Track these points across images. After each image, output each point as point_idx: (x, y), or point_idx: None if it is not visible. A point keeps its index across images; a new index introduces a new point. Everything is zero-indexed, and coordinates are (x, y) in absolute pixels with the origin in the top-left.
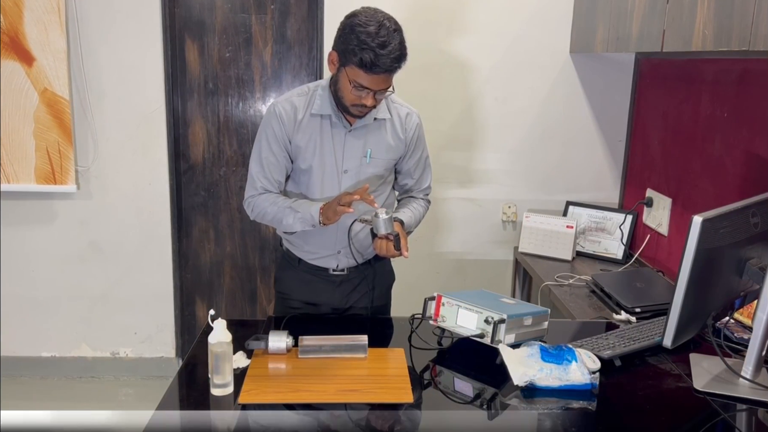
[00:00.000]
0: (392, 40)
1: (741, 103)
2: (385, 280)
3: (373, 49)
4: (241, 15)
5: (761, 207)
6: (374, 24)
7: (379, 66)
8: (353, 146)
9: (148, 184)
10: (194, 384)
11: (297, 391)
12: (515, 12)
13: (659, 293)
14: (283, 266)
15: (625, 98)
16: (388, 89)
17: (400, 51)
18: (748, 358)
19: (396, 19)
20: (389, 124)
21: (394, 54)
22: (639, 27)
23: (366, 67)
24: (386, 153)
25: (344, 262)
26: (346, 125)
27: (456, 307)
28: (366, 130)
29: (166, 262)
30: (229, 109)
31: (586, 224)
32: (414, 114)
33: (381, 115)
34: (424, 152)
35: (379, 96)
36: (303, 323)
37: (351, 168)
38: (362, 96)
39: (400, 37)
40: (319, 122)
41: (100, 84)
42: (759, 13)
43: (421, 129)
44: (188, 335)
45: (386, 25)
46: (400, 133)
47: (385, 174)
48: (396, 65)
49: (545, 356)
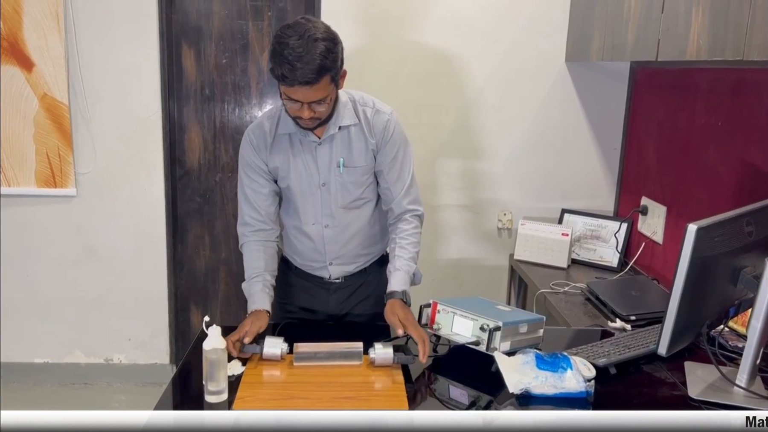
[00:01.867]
0: (311, 51)
1: (735, 112)
2: (381, 288)
3: (290, 62)
4: (238, 21)
5: (756, 215)
6: (296, 36)
7: (295, 79)
8: (325, 158)
9: (144, 190)
10: (188, 391)
11: (292, 399)
12: (511, 21)
13: (654, 301)
14: (280, 272)
15: (620, 106)
16: (326, 100)
17: (320, 61)
18: (742, 367)
19: (328, 29)
20: (357, 129)
21: (312, 65)
22: (634, 36)
23: (282, 80)
24: (359, 159)
25: (337, 272)
26: (314, 139)
27: (451, 315)
28: (334, 140)
29: (160, 267)
30: (225, 116)
31: (582, 232)
32: (382, 113)
33: (346, 122)
34: (400, 151)
35: (316, 107)
36: (298, 330)
37: (327, 180)
38: (297, 109)
39: (323, 47)
40: (288, 141)
41: (97, 89)
42: (753, 24)
43: (393, 127)
44: (183, 341)
45: (309, 35)
46: (369, 136)
47: (364, 180)
48: (313, 77)
49: (540, 364)
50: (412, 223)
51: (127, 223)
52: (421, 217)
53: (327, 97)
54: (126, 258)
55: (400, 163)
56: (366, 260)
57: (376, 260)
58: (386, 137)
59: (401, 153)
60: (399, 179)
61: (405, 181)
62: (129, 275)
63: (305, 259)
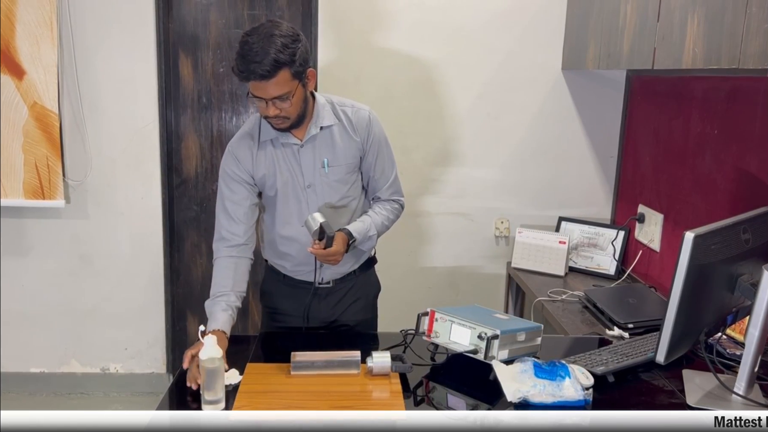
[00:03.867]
0: (267, 46)
1: (731, 120)
2: (369, 291)
3: (243, 57)
4: (235, 30)
5: (752, 223)
6: (255, 35)
7: (249, 72)
8: (308, 160)
9: (141, 198)
10: (185, 400)
11: (289, 408)
12: (508, 29)
13: (652, 309)
14: (269, 280)
15: (616, 115)
16: (288, 96)
17: (273, 55)
18: (740, 374)
19: (291, 28)
20: (338, 128)
21: (266, 59)
22: (630, 44)
23: (239, 76)
24: (343, 158)
25: (328, 275)
26: (295, 142)
27: (449, 323)
28: (316, 141)
29: (157, 276)
30: (222, 124)
31: (579, 240)
32: (364, 110)
33: (326, 122)
34: (381, 146)
35: (279, 104)
36: (294, 339)
37: (313, 182)
38: (263, 107)
39: (280, 42)
40: (271, 147)
41: (93, 98)
42: (748, 32)
43: (375, 124)
44: (179, 351)
45: (266, 33)
46: (353, 134)
47: (349, 179)
48: (266, 70)
49: (538, 372)
50: (392, 204)
51: (124, 232)
52: (402, 205)
53: (289, 93)
54: (122, 267)
55: (383, 159)
56: (355, 260)
57: (365, 262)
58: (370, 134)
59: (384, 149)
60: (383, 175)
61: (389, 176)
62: (125, 284)
63: (295, 264)
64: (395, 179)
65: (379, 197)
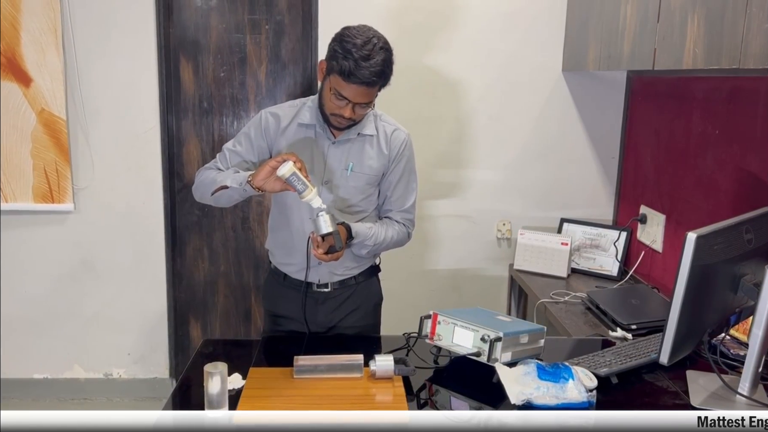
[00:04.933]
0: (375, 56)
1: (732, 120)
2: (370, 300)
3: (355, 60)
4: (236, 35)
5: (754, 223)
6: (362, 38)
7: (357, 76)
8: (335, 158)
9: (142, 203)
10: (189, 405)
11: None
12: (508, 31)
13: (655, 310)
14: (270, 282)
15: (617, 116)
16: (369, 105)
17: (382, 67)
18: (744, 375)
19: (388, 42)
20: (374, 140)
21: (375, 68)
22: (630, 45)
23: (344, 75)
24: (368, 168)
25: (325, 275)
26: (330, 137)
27: (452, 326)
28: (350, 144)
29: (159, 281)
30: (223, 128)
31: (581, 241)
32: (402, 131)
33: (366, 131)
34: (407, 171)
35: (358, 109)
36: (297, 343)
37: (332, 179)
38: (341, 106)
39: (385, 55)
40: (305, 132)
41: (95, 104)
42: (748, 32)
43: (408, 148)
44: (182, 355)
45: (374, 41)
46: (384, 149)
47: (366, 189)
48: (375, 79)
49: (542, 374)
50: (402, 226)
51: (126, 237)
52: (409, 234)
53: (371, 102)
54: (125, 272)
55: (405, 184)
56: (355, 264)
57: (367, 269)
58: (400, 154)
59: (408, 175)
60: (400, 198)
61: (405, 203)
62: (128, 289)
63: (297, 259)
64: (412, 207)
65: (390, 217)
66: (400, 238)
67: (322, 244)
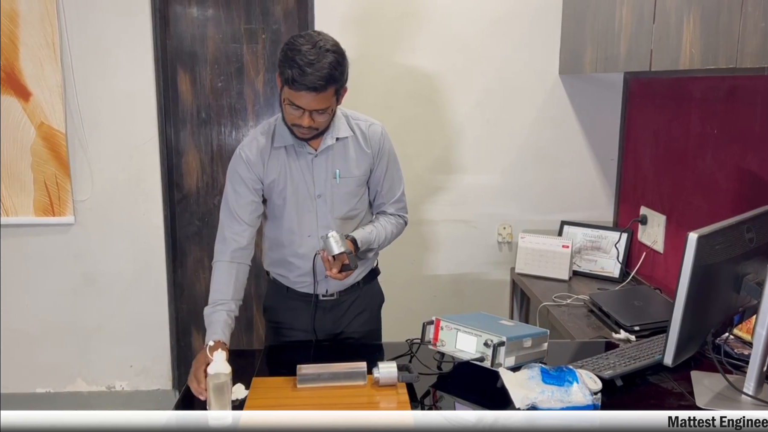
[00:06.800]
0: (321, 60)
1: (730, 119)
2: (374, 301)
3: (300, 67)
4: (233, 45)
5: (755, 222)
6: (308, 44)
7: (303, 83)
8: (321, 170)
9: (143, 215)
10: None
11: None
12: (504, 35)
13: (657, 311)
14: (272, 295)
15: (615, 117)
16: (327, 110)
17: (329, 70)
18: (749, 374)
19: (338, 44)
20: (352, 141)
21: (321, 73)
22: (627, 47)
23: (290, 84)
24: (355, 170)
25: (333, 286)
26: (310, 151)
27: (455, 331)
28: (331, 152)
29: (161, 292)
30: (222, 138)
31: (582, 243)
32: (377, 125)
33: (342, 134)
34: (391, 162)
35: (316, 116)
36: (300, 352)
37: (323, 192)
38: (297, 116)
39: (333, 57)
40: (284, 153)
41: (94, 116)
42: (745, 31)
43: (387, 140)
44: (185, 367)
45: (320, 44)
46: (366, 147)
47: (358, 191)
48: (322, 83)
49: (546, 378)
50: (397, 218)
51: (126, 249)
52: (406, 221)
53: (328, 108)
54: (126, 284)
55: (392, 175)
56: (359, 271)
57: (368, 273)
58: (382, 149)
59: (393, 165)
60: (390, 190)
61: (396, 192)
62: (129, 301)
63: (297, 274)
64: (402, 195)
65: (384, 211)
66: (398, 230)
67: (334, 263)
